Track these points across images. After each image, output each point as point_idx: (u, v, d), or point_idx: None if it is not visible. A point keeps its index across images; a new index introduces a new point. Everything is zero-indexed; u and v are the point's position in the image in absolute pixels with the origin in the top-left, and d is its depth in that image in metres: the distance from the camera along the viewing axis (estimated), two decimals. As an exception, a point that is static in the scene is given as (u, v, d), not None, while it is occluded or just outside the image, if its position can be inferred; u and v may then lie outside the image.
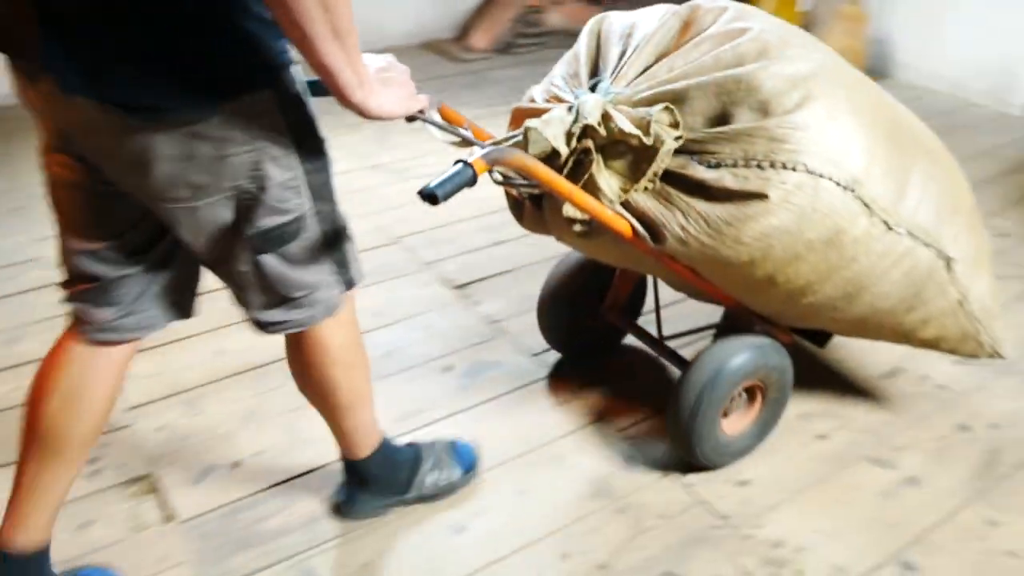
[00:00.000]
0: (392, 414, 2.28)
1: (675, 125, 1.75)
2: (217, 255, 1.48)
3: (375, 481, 1.95)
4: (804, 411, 2.37)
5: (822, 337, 2.42)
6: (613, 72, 1.92)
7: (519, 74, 4.95)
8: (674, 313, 2.67)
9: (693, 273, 1.92)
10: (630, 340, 2.54)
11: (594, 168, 1.77)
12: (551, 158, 1.77)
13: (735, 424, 2.13)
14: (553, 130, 1.75)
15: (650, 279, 2.46)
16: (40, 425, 1.59)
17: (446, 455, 2.05)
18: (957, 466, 2.20)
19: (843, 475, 2.16)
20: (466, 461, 2.08)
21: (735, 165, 1.72)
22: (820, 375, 2.50)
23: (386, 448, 1.94)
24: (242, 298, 1.56)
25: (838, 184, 1.74)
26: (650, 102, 1.79)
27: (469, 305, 2.79)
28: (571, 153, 1.79)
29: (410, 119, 1.62)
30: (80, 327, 1.58)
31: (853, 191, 1.76)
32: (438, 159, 3.75)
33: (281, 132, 1.38)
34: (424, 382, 2.44)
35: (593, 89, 1.90)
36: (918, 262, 1.93)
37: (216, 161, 1.33)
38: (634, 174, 1.78)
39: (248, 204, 1.40)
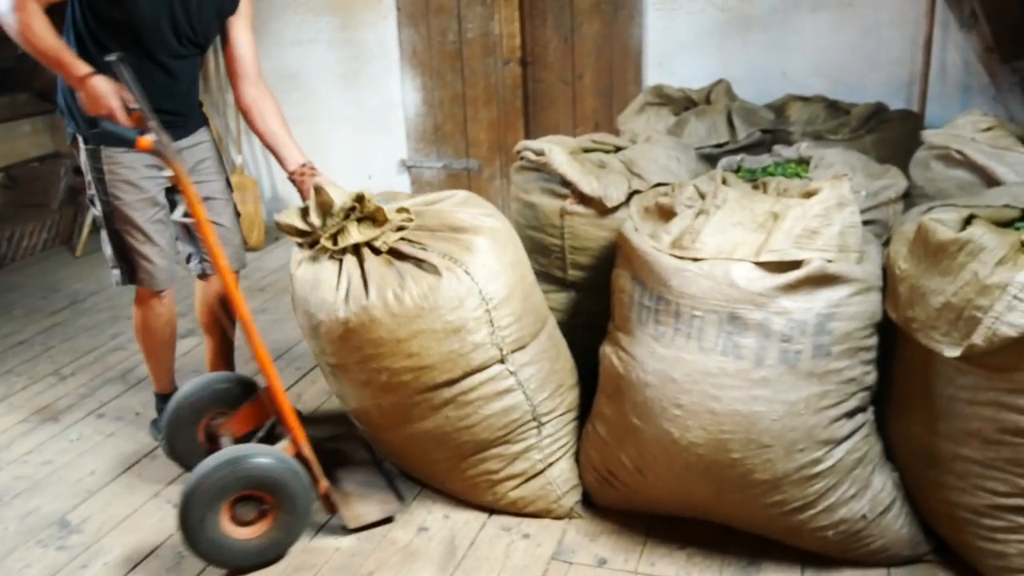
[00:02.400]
0: None
1: (408, 220, 2.46)
2: None
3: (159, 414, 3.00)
4: None
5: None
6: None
7: None
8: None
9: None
10: None
11: (350, 223, 2.44)
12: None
13: (244, 531, 2.32)
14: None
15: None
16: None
17: None
18: (425, 567, 2.37)
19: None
20: None
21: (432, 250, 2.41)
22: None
23: (163, 401, 2.97)
24: None
25: (481, 293, 2.33)
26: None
27: None
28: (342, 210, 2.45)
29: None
30: None
31: (488, 303, 2.34)
32: None
33: (89, 170, 2.71)
34: None
35: None
36: (517, 406, 2.43)
37: (83, 168, 2.75)
38: (372, 231, 2.44)
39: (89, 200, 2.80)
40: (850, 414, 2.17)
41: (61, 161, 5.71)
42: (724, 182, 2.51)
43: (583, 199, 2.76)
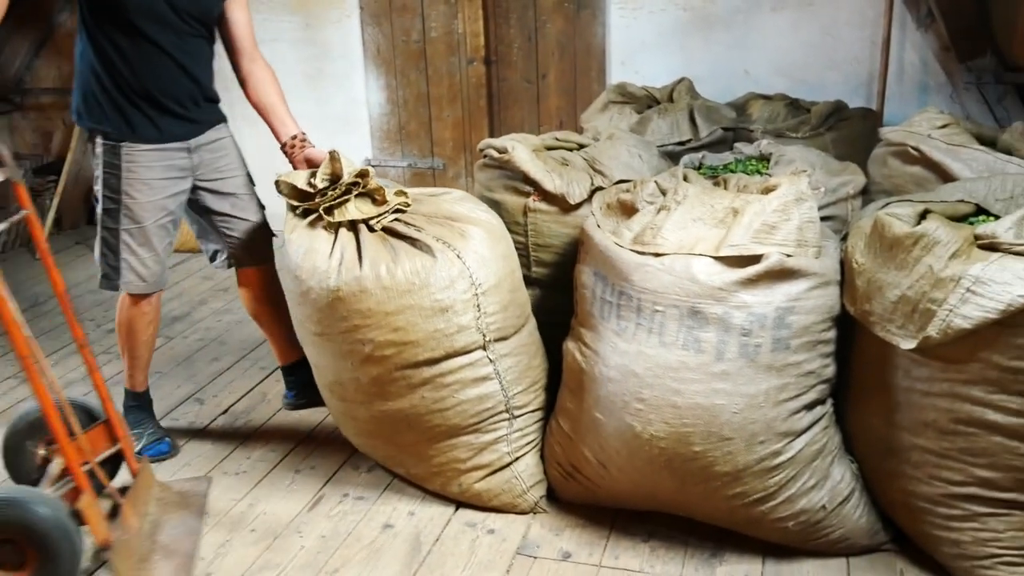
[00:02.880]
0: None
1: (405, 204, 2.53)
2: None
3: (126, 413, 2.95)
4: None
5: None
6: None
7: None
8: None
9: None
10: None
11: (352, 197, 2.50)
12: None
13: None
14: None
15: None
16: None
17: (145, 436, 2.94)
18: (390, 563, 2.38)
19: (293, 619, 2.20)
20: (147, 450, 2.90)
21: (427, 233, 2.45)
22: (238, 525, 2.54)
23: (133, 398, 3.01)
24: None
25: (471, 277, 2.37)
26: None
27: None
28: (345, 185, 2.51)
29: None
30: None
31: (477, 288, 2.37)
32: None
33: (101, 165, 2.67)
34: None
35: None
36: (492, 395, 2.45)
37: (94, 164, 2.72)
38: (371, 209, 2.51)
39: (94, 196, 2.75)
40: (809, 406, 2.20)
41: (20, 163, 5.64)
42: (685, 179, 2.54)
43: (546, 196, 2.78)
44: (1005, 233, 2.01)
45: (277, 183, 2.61)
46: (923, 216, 2.20)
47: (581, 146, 3.07)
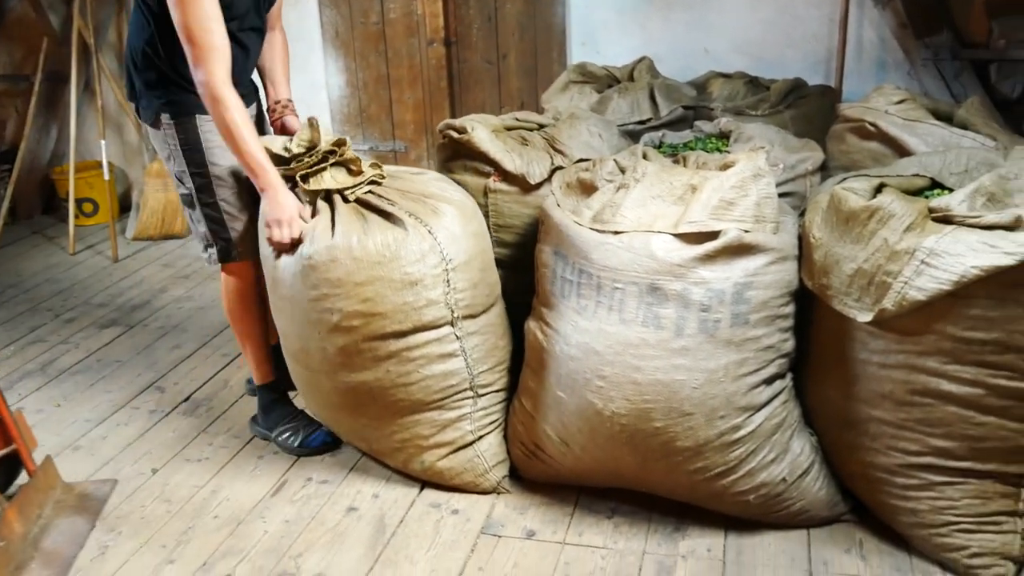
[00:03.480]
0: None
1: (380, 176, 2.56)
2: None
3: (261, 410, 2.95)
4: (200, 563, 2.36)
5: None
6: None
7: None
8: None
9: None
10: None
11: (328, 165, 2.52)
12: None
13: None
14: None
15: None
16: None
17: (302, 429, 2.85)
18: (354, 545, 2.37)
19: (256, 604, 2.19)
20: (312, 441, 2.83)
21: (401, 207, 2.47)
22: (200, 511, 2.52)
23: (270, 391, 2.93)
24: None
25: (442, 252, 2.39)
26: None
27: None
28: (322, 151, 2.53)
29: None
30: None
31: (447, 263, 2.39)
32: None
33: (177, 144, 2.64)
34: None
35: None
36: (457, 372, 2.47)
37: (164, 147, 2.69)
38: (347, 180, 2.53)
39: (178, 177, 2.71)
40: (768, 381, 2.22)
41: (-27, 150, 5.54)
42: (645, 157, 2.54)
43: (506, 177, 2.76)
44: (959, 206, 2.03)
45: None
46: (878, 190, 2.22)
47: (541, 126, 3.06)
